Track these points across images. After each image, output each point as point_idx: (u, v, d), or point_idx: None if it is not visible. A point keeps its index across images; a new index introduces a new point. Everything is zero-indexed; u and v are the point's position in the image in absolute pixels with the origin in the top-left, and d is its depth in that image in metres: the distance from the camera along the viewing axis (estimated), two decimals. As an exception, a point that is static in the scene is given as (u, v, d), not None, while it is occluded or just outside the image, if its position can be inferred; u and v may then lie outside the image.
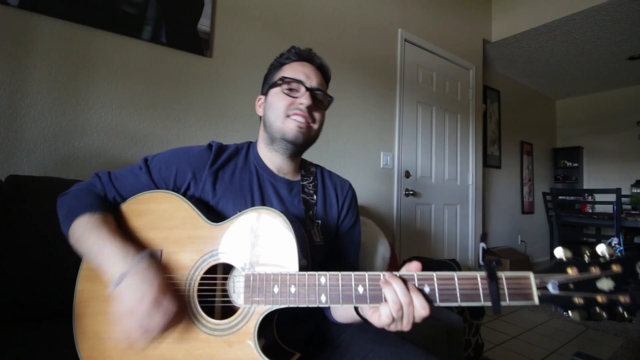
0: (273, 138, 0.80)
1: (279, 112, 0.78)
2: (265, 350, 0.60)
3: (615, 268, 0.49)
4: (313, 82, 0.80)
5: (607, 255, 0.50)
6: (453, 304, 0.53)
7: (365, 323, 0.61)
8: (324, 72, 0.86)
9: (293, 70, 0.80)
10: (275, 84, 0.80)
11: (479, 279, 0.52)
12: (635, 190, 4.41)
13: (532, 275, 0.51)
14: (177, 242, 0.68)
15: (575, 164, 5.23)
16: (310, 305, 0.58)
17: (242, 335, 0.60)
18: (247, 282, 0.61)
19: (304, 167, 0.91)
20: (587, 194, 4.28)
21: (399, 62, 2.62)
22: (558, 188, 3.87)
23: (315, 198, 0.86)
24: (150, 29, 1.52)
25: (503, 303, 0.51)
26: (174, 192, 0.73)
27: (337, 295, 0.57)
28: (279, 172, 0.84)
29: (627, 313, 0.48)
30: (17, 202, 1.02)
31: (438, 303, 0.53)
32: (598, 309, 0.49)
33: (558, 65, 4.15)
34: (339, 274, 0.58)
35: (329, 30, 2.18)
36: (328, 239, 0.85)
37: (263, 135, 0.85)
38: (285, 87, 0.79)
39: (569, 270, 0.50)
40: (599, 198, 4.05)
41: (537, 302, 0.50)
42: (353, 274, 0.57)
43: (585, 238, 3.56)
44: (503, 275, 0.51)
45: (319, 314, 0.84)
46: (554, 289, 0.50)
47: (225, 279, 0.69)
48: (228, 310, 0.66)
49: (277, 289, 0.59)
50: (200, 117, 1.67)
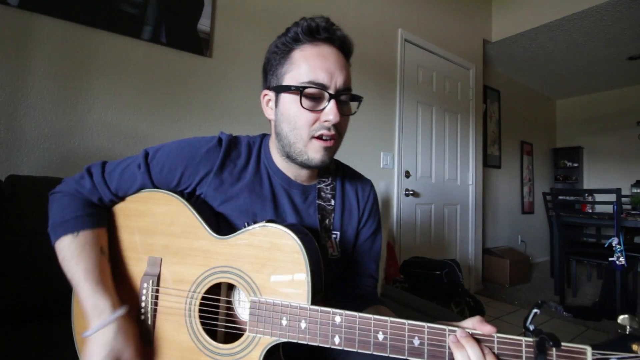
0: (292, 157, 0.67)
1: (300, 132, 0.63)
2: None
3: None
4: (338, 79, 0.63)
5: None
6: None
7: None
8: (346, 49, 0.67)
9: (309, 65, 0.62)
10: (290, 90, 0.63)
11: (524, 346, 0.46)
12: (635, 190, 4.42)
13: (589, 352, 0.44)
14: (177, 252, 0.64)
15: (575, 164, 5.23)
16: (322, 345, 0.53)
17: None
18: (252, 309, 0.57)
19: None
20: (587, 194, 4.28)
21: (399, 62, 2.62)
22: (558, 188, 3.86)
23: (333, 203, 0.76)
24: (150, 29, 1.52)
25: None
26: (176, 193, 0.68)
27: (353, 339, 0.52)
28: (296, 178, 0.73)
29: None
30: (17, 202, 1.02)
31: None
32: None
33: (558, 65, 4.15)
34: (357, 316, 0.52)
35: (329, 30, 2.18)
36: (346, 251, 0.77)
37: (277, 145, 0.70)
38: (305, 98, 0.62)
39: (635, 347, 0.42)
40: (599, 198, 4.05)
41: None
42: (373, 318, 0.51)
43: (586, 238, 3.56)
44: (554, 351, 0.45)
45: None
46: None
47: (230, 302, 0.66)
48: (231, 331, 0.64)
49: (285, 322, 0.55)
50: (200, 117, 1.67)
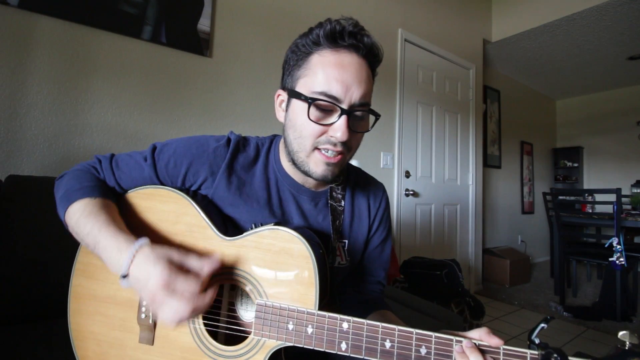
0: (296, 164, 0.65)
1: (303, 142, 0.60)
2: None
3: None
4: (355, 92, 0.57)
5: None
6: None
7: None
8: (373, 57, 0.62)
9: (325, 74, 0.57)
10: (300, 98, 0.59)
11: (529, 358, 0.46)
12: (635, 190, 4.42)
13: None
14: (182, 250, 0.63)
15: (575, 164, 5.23)
16: (328, 351, 0.53)
17: None
18: (258, 312, 0.57)
19: None
20: (587, 194, 4.28)
21: (399, 62, 2.62)
22: (558, 188, 3.86)
23: (343, 204, 0.73)
24: (150, 29, 1.52)
25: None
26: (182, 190, 0.67)
27: (360, 346, 0.51)
28: (304, 184, 0.71)
29: None
30: (17, 202, 1.02)
31: None
32: None
33: (558, 65, 4.15)
34: (365, 323, 0.52)
35: (329, 30, 2.18)
36: (354, 259, 0.75)
37: (284, 149, 0.68)
38: (314, 110, 0.58)
39: None
40: (599, 198, 4.05)
41: None
42: (381, 326, 0.51)
43: (586, 238, 3.56)
44: None
45: None
46: None
47: (233, 304, 0.65)
48: (234, 334, 0.63)
49: (291, 326, 0.55)
50: (200, 116, 1.67)
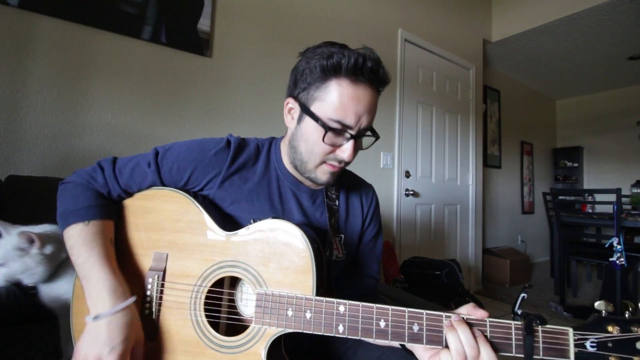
0: (300, 171, 0.71)
1: (314, 157, 0.66)
2: None
3: None
4: (364, 121, 0.64)
5: None
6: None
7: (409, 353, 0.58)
8: (382, 87, 0.67)
9: (342, 104, 0.61)
10: (317, 121, 0.63)
11: (513, 329, 0.50)
12: (635, 190, 4.41)
13: (571, 332, 0.48)
14: (184, 248, 0.65)
15: (575, 164, 5.23)
16: (326, 334, 0.55)
17: (250, 356, 0.58)
18: (259, 301, 0.59)
19: None
20: (587, 194, 4.27)
21: (399, 62, 2.62)
22: (558, 188, 3.86)
23: (338, 203, 0.79)
24: (150, 29, 1.52)
25: (536, 357, 0.49)
26: (184, 191, 0.69)
27: (356, 327, 0.54)
28: (304, 182, 0.75)
29: None
30: (17, 202, 1.02)
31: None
32: None
33: (558, 65, 4.15)
34: (360, 305, 0.54)
35: (329, 30, 2.18)
36: (350, 253, 0.80)
37: (289, 152, 0.71)
38: (329, 135, 0.63)
39: (610, 328, 0.48)
40: (599, 198, 4.05)
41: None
42: (375, 307, 0.54)
43: (586, 238, 3.56)
44: (540, 329, 0.49)
45: None
46: (592, 348, 0.48)
47: (233, 294, 0.67)
48: (235, 323, 0.65)
49: (291, 313, 0.57)
50: (200, 116, 1.67)
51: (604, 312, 0.49)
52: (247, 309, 0.66)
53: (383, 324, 0.53)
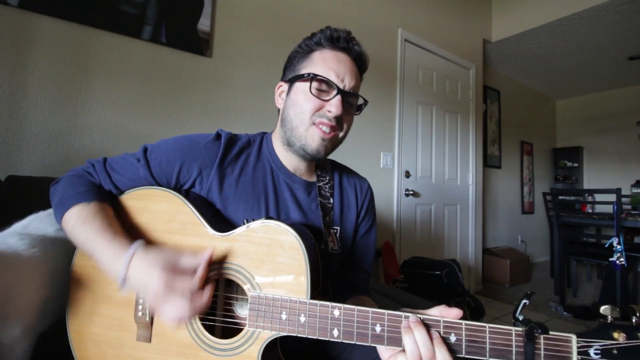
0: (291, 142, 0.71)
1: (304, 116, 0.68)
2: None
3: None
4: (347, 82, 0.69)
5: None
6: (481, 358, 0.49)
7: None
8: (361, 63, 0.73)
9: (324, 64, 0.68)
10: (302, 78, 0.68)
11: (514, 335, 0.48)
12: (636, 190, 4.41)
13: (574, 339, 0.46)
14: (176, 249, 0.64)
15: (575, 164, 5.23)
16: (320, 338, 0.54)
17: (245, 359, 0.57)
18: (252, 304, 0.58)
19: (319, 165, 0.82)
20: (587, 194, 4.27)
21: (399, 62, 2.62)
22: (558, 188, 3.86)
23: (332, 201, 0.79)
24: (150, 29, 1.52)
25: None
26: (176, 189, 0.68)
27: (351, 332, 0.53)
28: (296, 172, 0.76)
29: None
30: (16, 202, 1.02)
31: (464, 354, 0.49)
32: None
33: (558, 65, 4.15)
34: (355, 309, 0.53)
35: (329, 30, 2.18)
36: (345, 246, 0.80)
37: (280, 133, 0.74)
38: (315, 85, 0.67)
39: (615, 335, 0.46)
40: (599, 198, 4.05)
41: None
42: (371, 311, 0.53)
43: (586, 238, 3.56)
44: (542, 336, 0.47)
45: None
46: (596, 355, 0.46)
47: (229, 298, 0.66)
48: (230, 325, 0.64)
49: (285, 316, 0.56)
50: (200, 116, 1.67)
51: (610, 317, 0.47)
52: (243, 310, 0.65)
53: (379, 329, 0.52)
